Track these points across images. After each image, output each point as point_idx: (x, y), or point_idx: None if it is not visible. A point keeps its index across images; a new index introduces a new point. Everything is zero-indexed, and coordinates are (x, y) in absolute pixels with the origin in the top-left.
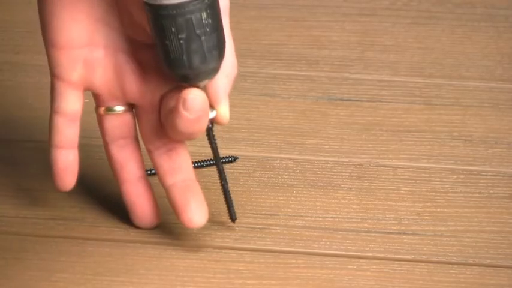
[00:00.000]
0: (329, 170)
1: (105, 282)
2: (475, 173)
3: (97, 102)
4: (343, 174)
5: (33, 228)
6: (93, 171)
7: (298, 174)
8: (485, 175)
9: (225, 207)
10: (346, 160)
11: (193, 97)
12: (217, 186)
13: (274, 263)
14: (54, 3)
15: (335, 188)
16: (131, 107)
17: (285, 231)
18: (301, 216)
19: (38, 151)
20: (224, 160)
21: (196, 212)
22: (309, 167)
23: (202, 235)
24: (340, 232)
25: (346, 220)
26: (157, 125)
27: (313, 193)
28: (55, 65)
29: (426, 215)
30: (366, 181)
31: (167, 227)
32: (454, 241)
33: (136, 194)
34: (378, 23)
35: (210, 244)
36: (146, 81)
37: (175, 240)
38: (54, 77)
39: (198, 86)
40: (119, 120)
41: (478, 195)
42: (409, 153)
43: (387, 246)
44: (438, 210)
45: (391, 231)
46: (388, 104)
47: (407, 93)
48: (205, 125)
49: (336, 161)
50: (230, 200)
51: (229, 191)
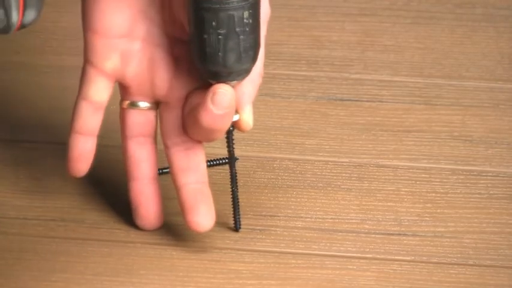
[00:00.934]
0: (329, 170)
1: (105, 282)
2: (475, 173)
3: (123, 95)
4: (343, 175)
5: (34, 229)
6: (94, 172)
7: (298, 175)
8: (485, 175)
9: (226, 208)
10: (346, 160)
11: (224, 92)
12: (218, 187)
13: (274, 263)
14: None
15: (335, 189)
16: (156, 105)
17: (285, 232)
18: (301, 217)
19: (38, 151)
20: (224, 161)
21: (204, 216)
22: (309, 167)
23: (203, 236)
24: (340, 233)
25: (346, 221)
26: (179, 121)
27: (313, 194)
28: (91, 50)
29: (426, 216)
30: (365, 182)
31: (167, 228)
32: (454, 242)
33: (144, 195)
34: (378, 23)
35: (210, 245)
36: (176, 77)
37: (175, 240)
38: (87, 62)
39: None
40: (142, 116)
41: (478, 196)
42: (409, 154)
43: (387, 247)
44: (438, 211)
45: (391, 232)
46: (388, 104)
47: (407, 93)
48: (228, 124)
49: (336, 161)
50: (238, 208)
51: (238, 199)
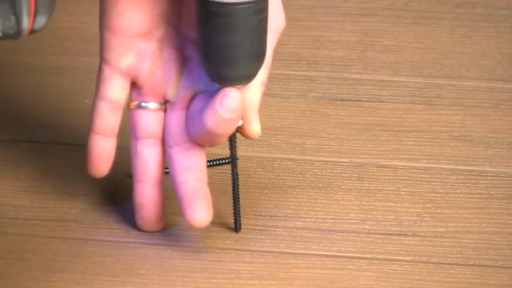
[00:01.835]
0: (329, 171)
1: (105, 282)
2: (475, 173)
3: (133, 96)
4: (343, 175)
5: (34, 229)
6: None
7: (298, 175)
8: (485, 175)
9: (226, 209)
10: (346, 161)
11: (233, 96)
12: (218, 187)
13: (274, 264)
14: None
15: (335, 189)
16: (164, 105)
17: (285, 233)
18: (301, 217)
19: (38, 151)
20: (224, 161)
21: (201, 212)
22: (309, 167)
23: (203, 236)
24: (340, 233)
25: (346, 221)
26: (183, 122)
27: (313, 194)
28: (107, 49)
29: (426, 216)
30: (365, 182)
31: (167, 228)
32: (454, 242)
33: (148, 197)
34: (377, 23)
35: (210, 245)
36: (187, 77)
37: (175, 240)
38: (103, 61)
39: None
40: (153, 117)
41: (478, 196)
42: (409, 154)
43: (387, 247)
44: (438, 211)
45: (391, 233)
46: (388, 104)
47: (407, 93)
48: (231, 130)
49: (336, 161)
50: (238, 210)
51: (239, 200)
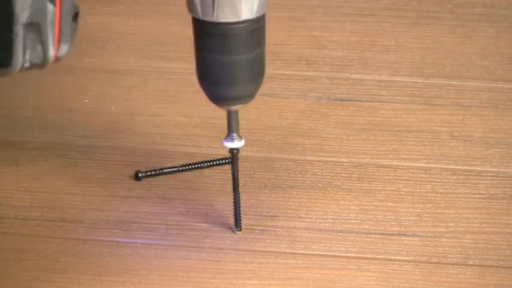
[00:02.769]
0: (329, 171)
1: (105, 283)
2: (475, 173)
3: None
4: (343, 175)
5: (33, 229)
6: (93, 172)
7: (298, 175)
8: (485, 175)
9: (226, 209)
10: (346, 161)
11: None
12: (218, 187)
13: (274, 264)
14: None
15: (335, 189)
16: None
17: (285, 233)
18: (301, 217)
19: (38, 151)
20: (224, 161)
21: None
22: (309, 167)
23: (203, 236)
24: (340, 233)
25: (346, 221)
26: None
27: (313, 194)
28: None
29: (426, 216)
30: (365, 182)
31: (167, 228)
32: (454, 242)
33: None
34: (378, 23)
35: (210, 245)
36: None
37: (175, 240)
38: None
39: (230, 110)
40: None
41: (478, 196)
42: (409, 154)
43: (387, 248)
44: (438, 211)
45: (391, 233)
46: (388, 104)
47: (407, 93)
48: None
49: (336, 161)
50: (238, 210)
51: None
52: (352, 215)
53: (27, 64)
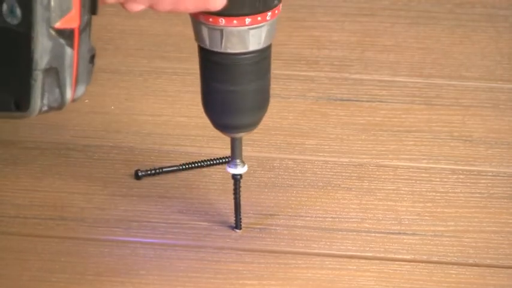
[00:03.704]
0: (329, 170)
1: (105, 283)
2: (475, 173)
3: None
4: (343, 174)
5: (33, 228)
6: (93, 171)
7: (298, 175)
8: (485, 175)
9: (226, 208)
10: (346, 160)
11: None
12: (218, 187)
13: (274, 264)
14: None
15: (335, 188)
16: None
17: (285, 232)
18: (301, 216)
19: (38, 151)
20: (224, 160)
21: None
22: (309, 167)
23: (203, 235)
24: (340, 232)
25: (346, 220)
26: None
27: (313, 193)
28: None
29: (426, 215)
30: (365, 181)
31: (167, 228)
32: (454, 241)
33: None
34: (378, 23)
35: (210, 244)
36: None
37: (175, 239)
38: None
39: (234, 138)
40: None
41: (478, 196)
42: (409, 153)
43: (387, 246)
44: (438, 210)
45: (391, 232)
46: (388, 104)
47: (407, 93)
48: None
49: (336, 161)
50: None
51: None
52: (352, 214)
53: (45, 108)
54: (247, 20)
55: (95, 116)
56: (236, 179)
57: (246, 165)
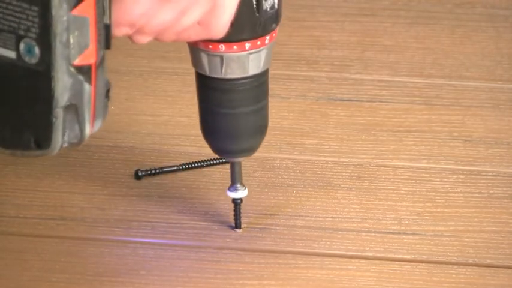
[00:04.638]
0: (329, 170)
1: (105, 283)
2: (475, 173)
3: None
4: (343, 174)
5: (33, 228)
6: (93, 171)
7: (298, 174)
8: (485, 175)
9: (226, 208)
10: (346, 160)
11: None
12: (218, 187)
13: (274, 264)
14: None
15: (335, 188)
16: None
17: (285, 231)
18: (301, 216)
19: None
20: (224, 160)
21: None
22: (309, 167)
23: (203, 235)
24: (340, 232)
25: (346, 220)
26: None
27: (313, 193)
28: None
29: (426, 215)
30: (366, 181)
31: (167, 228)
32: (454, 241)
33: None
34: (378, 23)
35: (210, 244)
36: None
37: (175, 239)
38: None
39: (234, 162)
40: None
41: (478, 195)
42: (409, 153)
43: (387, 246)
44: (438, 210)
45: (391, 231)
46: (388, 104)
47: (407, 93)
48: None
49: (336, 161)
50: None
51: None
52: (352, 214)
53: (66, 144)
54: (247, 45)
55: None
56: (236, 203)
57: (246, 189)
